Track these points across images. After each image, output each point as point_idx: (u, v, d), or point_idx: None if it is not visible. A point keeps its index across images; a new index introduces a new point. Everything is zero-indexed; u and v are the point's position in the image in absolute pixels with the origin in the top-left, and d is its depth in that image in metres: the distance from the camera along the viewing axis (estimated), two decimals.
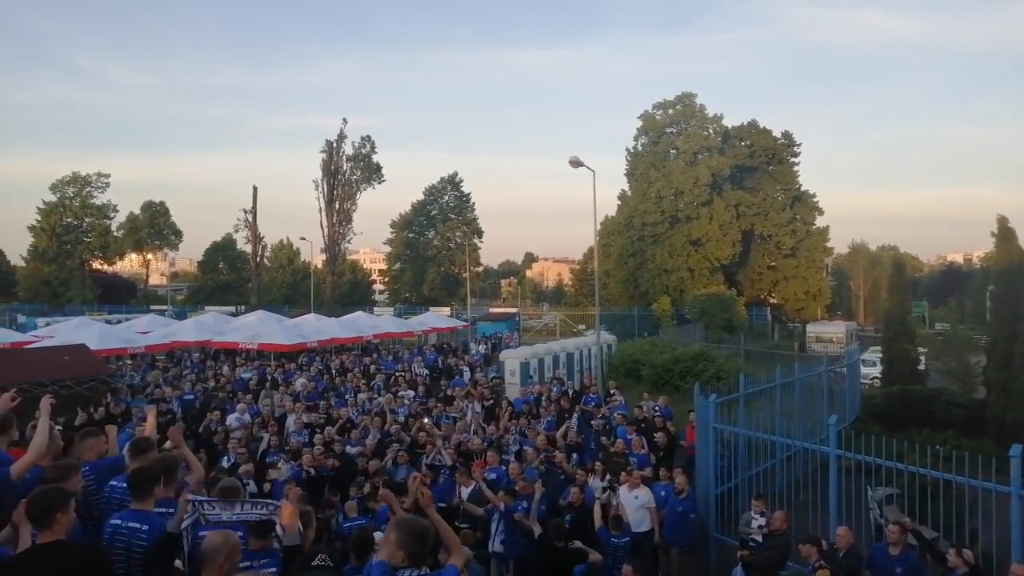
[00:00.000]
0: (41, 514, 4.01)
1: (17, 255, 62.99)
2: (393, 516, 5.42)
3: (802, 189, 52.70)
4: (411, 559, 4.13)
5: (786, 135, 52.93)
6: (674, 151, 53.37)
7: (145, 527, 4.59)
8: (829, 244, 54.48)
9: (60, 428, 10.70)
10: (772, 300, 52.74)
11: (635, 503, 9.55)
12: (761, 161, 51.98)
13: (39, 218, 59.57)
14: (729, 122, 53.89)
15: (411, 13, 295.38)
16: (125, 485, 5.11)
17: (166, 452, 5.80)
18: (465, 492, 10.23)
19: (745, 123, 53.38)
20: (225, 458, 12.06)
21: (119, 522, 4.62)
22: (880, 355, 23.82)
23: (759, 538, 8.51)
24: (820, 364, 17.60)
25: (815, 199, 52.92)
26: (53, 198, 59.82)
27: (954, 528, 8.67)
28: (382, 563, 4.26)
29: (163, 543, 4.53)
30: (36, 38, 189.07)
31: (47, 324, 33.68)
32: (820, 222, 52.91)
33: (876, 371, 24.48)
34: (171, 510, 4.77)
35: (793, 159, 53.03)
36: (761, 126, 52.84)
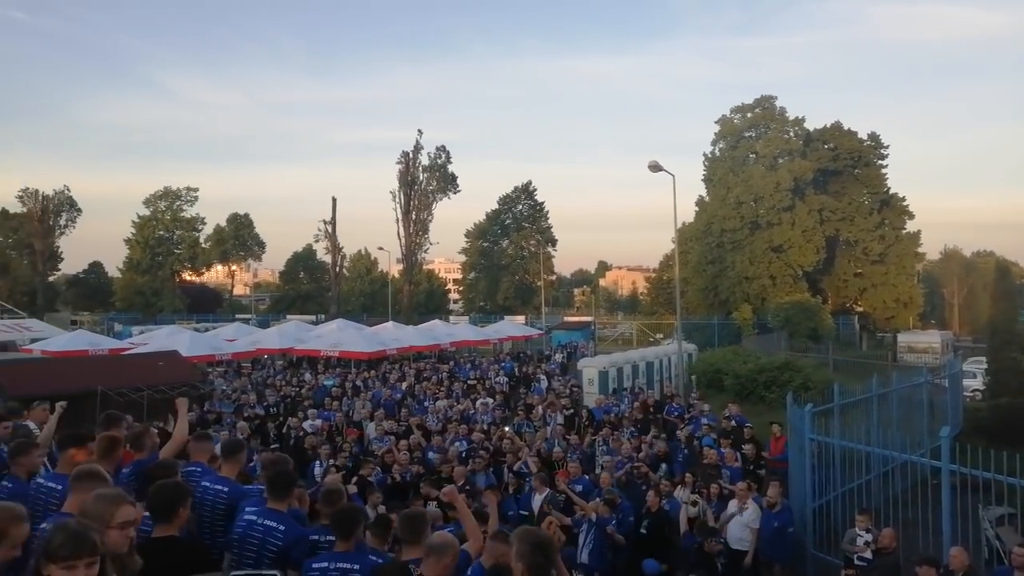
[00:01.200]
0: (164, 507, 4.07)
1: (114, 267, 66.41)
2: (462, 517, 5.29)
3: (890, 192, 50.47)
4: (531, 571, 3.94)
5: (872, 137, 50.82)
6: (753, 155, 51.95)
7: (282, 527, 4.69)
8: (920, 250, 51.99)
9: (155, 430, 11.07)
10: (859, 308, 50.57)
11: (740, 520, 9.16)
12: (846, 164, 50.02)
13: (134, 231, 62.62)
14: (811, 125, 52.13)
15: (482, 24, 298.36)
16: (217, 487, 5.22)
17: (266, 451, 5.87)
18: (537, 500, 10.05)
19: (828, 125, 51.56)
20: (317, 464, 12.19)
21: (254, 518, 4.71)
22: (982, 366, 22.41)
23: (868, 555, 8.01)
24: (919, 375, 16.68)
25: (904, 203, 50.63)
26: (147, 212, 62.85)
27: None
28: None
29: (296, 544, 4.58)
30: (126, 60, 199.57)
31: (141, 332, 35.32)
32: (911, 227, 50.57)
33: (977, 383, 23.10)
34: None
35: (880, 161, 50.82)
36: (846, 128, 50.93)
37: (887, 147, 50.89)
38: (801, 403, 11.03)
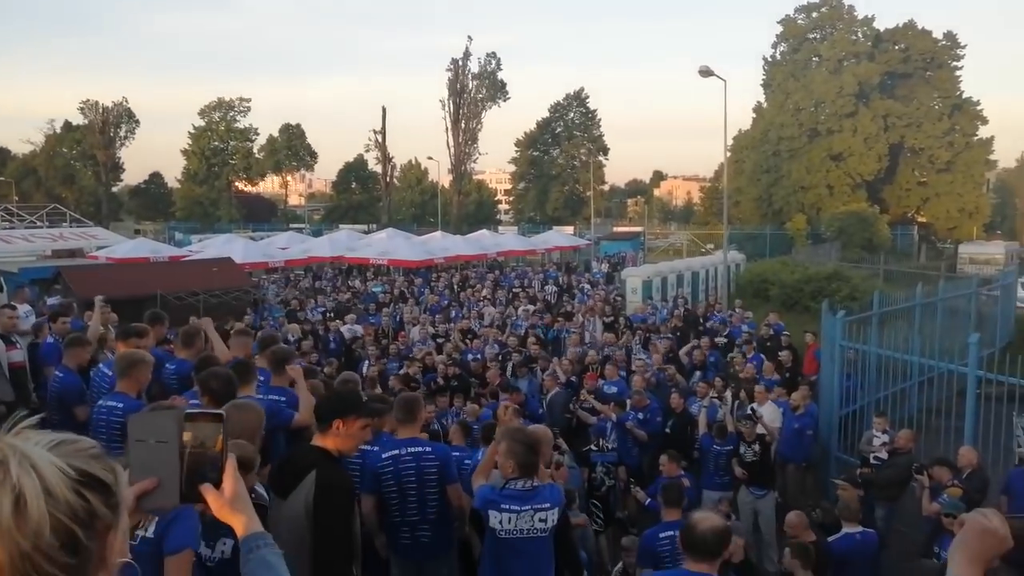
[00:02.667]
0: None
1: (173, 178, 68.05)
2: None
3: (964, 96, 47.65)
4: (522, 470, 4.16)
5: (949, 36, 47.59)
6: (817, 59, 49.39)
7: (428, 448, 4.87)
8: (992, 157, 49.33)
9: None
10: (921, 219, 48.77)
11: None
12: (917, 67, 47.19)
13: (190, 142, 63.75)
14: (882, 24, 49.04)
15: None
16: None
17: (279, 347, 6.21)
18: (549, 394, 10.81)
19: (900, 25, 48.46)
20: (366, 363, 12.92)
21: (397, 451, 4.78)
22: None
23: (883, 455, 8.14)
24: (969, 285, 16.27)
25: (979, 107, 47.78)
26: (202, 123, 63.73)
27: None
28: (484, 487, 4.32)
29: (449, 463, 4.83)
30: None
31: (200, 240, 36.53)
32: (984, 132, 47.77)
33: None
34: (283, 398, 5.11)
35: (955, 63, 47.75)
36: (920, 27, 47.80)
37: (964, 47, 47.76)
38: (836, 311, 10.96)
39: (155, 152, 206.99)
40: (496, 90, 58.44)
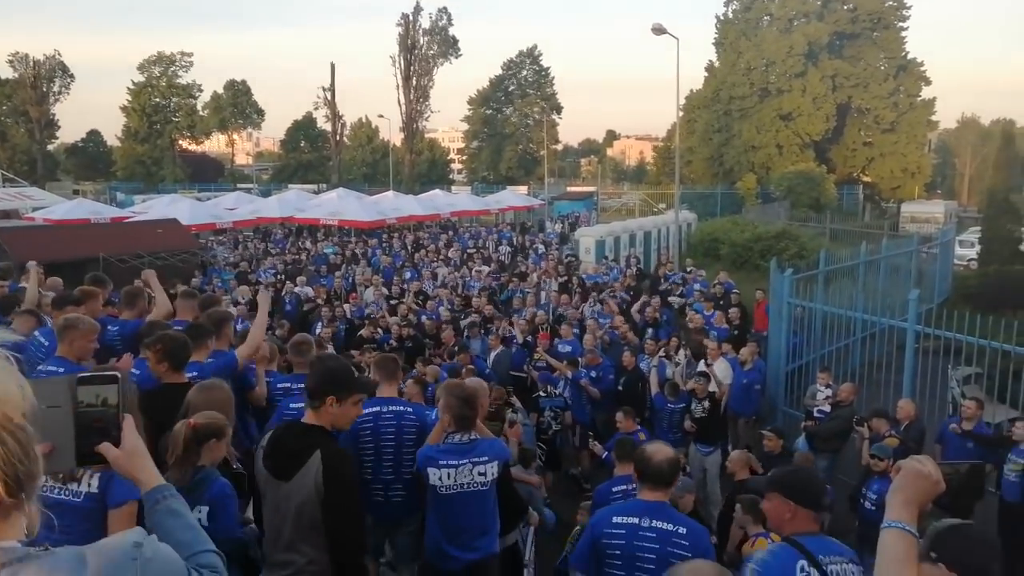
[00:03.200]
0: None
1: (113, 136, 65.49)
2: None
3: (909, 57, 48.50)
4: (458, 423, 4.23)
5: None
6: (768, 17, 49.63)
7: (410, 409, 4.90)
8: (934, 118, 50.47)
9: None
10: (866, 178, 49.91)
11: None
12: (865, 27, 47.75)
13: (130, 98, 61.28)
14: None
15: None
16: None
17: (216, 309, 6.09)
18: (492, 355, 10.91)
19: None
20: (318, 324, 12.64)
21: (377, 408, 4.80)
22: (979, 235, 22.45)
23: (826, 409, 8.44)
24: (910, 243, 16.78)
25: (923, 68, 48.73)
26: (141, 78, 61.25)
27: None
28: (425, 446, 4.36)
29: (428, 425, 4.77)
30: None
31: (144, 201, 35.39)
32: (927, 93, 48.77)
33: (974, 252, 23.20)
34: (221, 362, 5.01)
35: (901, 24, 48.51)
36: None
37: (910, 7, 48.48)
38: (784, 269, 11.21)
39: (93, 109, 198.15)
40: (448, 46, 57.41)
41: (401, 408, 4.84)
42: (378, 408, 4.75)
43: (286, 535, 3.14)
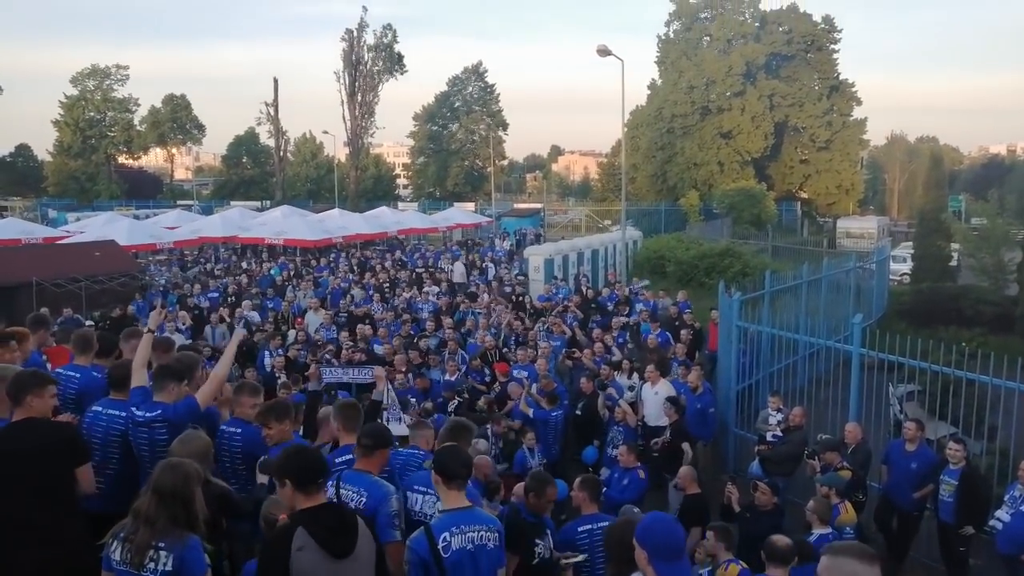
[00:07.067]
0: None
1: (43, 150, 63.18)
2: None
3: (841, 78, 50.46)
4: (346, 429, 4.72)
5: (827, 20, 50.15)
6: (708, 38, 51.00)
7: (239, 431, 5.00)
8: (866, 136, 52.59)
9: (91, 323, 10.93)
10: (803, 195, 51.55)
11: (655, 398, 9.65)
12: (799, 49, 49.52)
13: (62, 112, 59.29)
14: (768, 6, 51.10)
15: None
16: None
17: (185, 352, 5.86)
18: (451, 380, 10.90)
19: (784, 7, 50.57)
20: (266, 354, 12.09)
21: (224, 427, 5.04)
22: (912, 251, 23.29)
23: (779, 433, 8.62)
24: (848, 261, 17.34)
25: (853, 89, 50.75)
26: (74, 91, 59.35)
27: (973, 425, 8.71)
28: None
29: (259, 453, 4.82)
30: None
31: (77, 219, 34.15)
32: (858, 113, 50.85)
33: (907, 267, 24.04)
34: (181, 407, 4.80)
35: (833, 46, 50.48)
36: (801, 10, 50.05)
37: (840, 31, 50.50)
38: (734, 290, 11.45)
39: (21, 122, 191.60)
40: (393, 63, 57.21)
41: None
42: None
43: None
